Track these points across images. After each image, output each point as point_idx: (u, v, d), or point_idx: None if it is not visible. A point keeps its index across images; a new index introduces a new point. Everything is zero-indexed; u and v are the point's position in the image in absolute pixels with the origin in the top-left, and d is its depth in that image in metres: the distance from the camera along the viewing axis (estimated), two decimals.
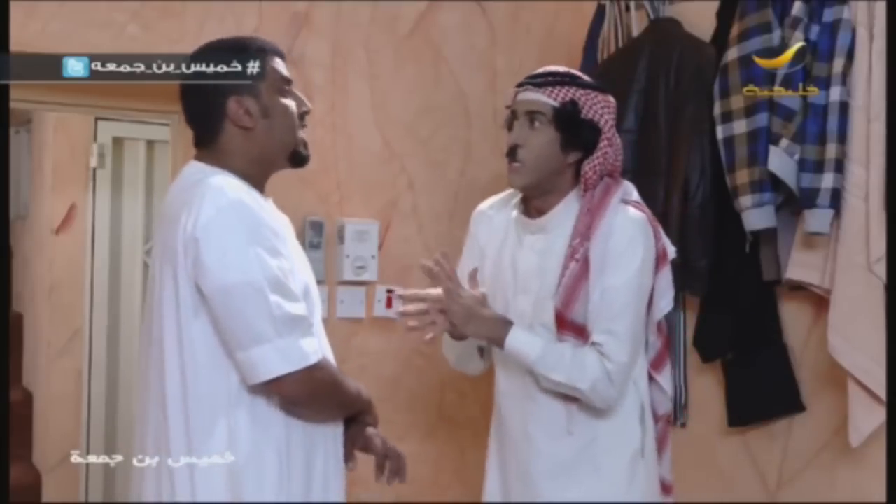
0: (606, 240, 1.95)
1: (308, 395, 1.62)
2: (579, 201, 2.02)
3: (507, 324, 1.96)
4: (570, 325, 1.96)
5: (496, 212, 2.17)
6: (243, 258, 1.57)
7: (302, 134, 1.78)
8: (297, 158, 1.79)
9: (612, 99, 2.07)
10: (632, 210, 2.00)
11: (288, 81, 1.77)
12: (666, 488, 2.12)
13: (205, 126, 1.75)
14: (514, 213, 2.12)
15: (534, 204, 2.06)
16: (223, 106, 1.71)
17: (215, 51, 1.75)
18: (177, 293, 1.61)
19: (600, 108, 2.01)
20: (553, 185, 2.03)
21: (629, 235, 1.96)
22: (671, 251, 2.06)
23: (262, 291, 1.56)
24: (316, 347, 1.62)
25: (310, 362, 1.59)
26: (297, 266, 1.70)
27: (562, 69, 2.08)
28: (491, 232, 2.15)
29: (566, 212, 2.02)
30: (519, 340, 1.94)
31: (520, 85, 2.06)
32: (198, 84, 1.74)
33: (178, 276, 1.60)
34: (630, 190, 2.06)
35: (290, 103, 1.76)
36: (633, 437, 2.00)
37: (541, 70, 2.07)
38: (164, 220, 1.70)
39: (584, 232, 1.97)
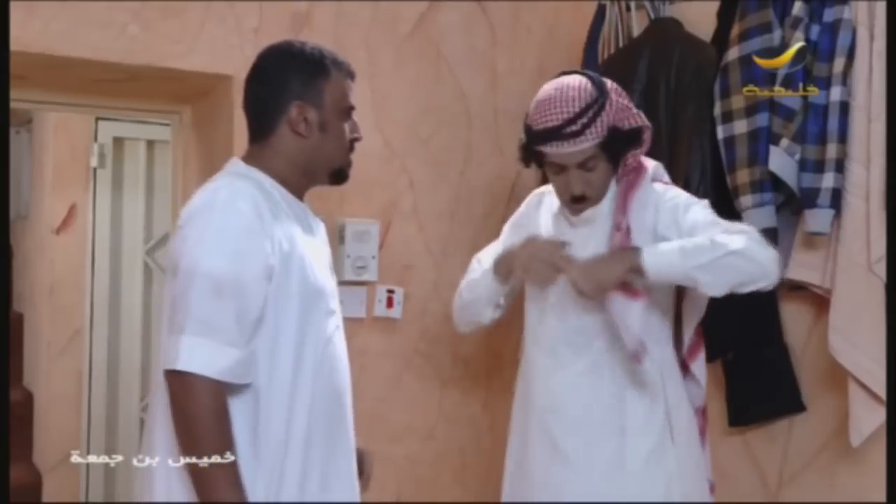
0: (645, 213, 2.02)
1: (171, 398, 1.55)
2: (618, 182, 2.10)
3: (633, 252, 1.94)
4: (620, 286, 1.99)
5: (551, 197, 2.22)
6: (201, 246, 1.57)
7: (349, 157, 1.79)
8: (338, 176, 1.79)
9: (612, 84, 2.07)
10: (668, 186, 2.10)
11: (352, 107, 1.78)
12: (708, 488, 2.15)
13: (260, 120, 1.74)
14: (556, 205, 2.19)
15: None
16: (285, 107, 1.71)
17: (295, 53, 1.74)
18: (170, 287, 1.64)
19: (624, 105, 2.05)
20: None
21: (681, 193, 2.08)
22: None
23: (201, 283, 1.54)
24: (217, 365, 1.53)
25: (175, 366, 1.52)
26: (304, 266, 1.68)
27: (572, 101, 1.99)
28: (545, 213, 2.22)
29: (608, 201, 2.10)
30: (656, 256, 1.92)
31: (545, 140, 2.00)
32: (268, 77, 1.73)
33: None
34: (661, 172, 2.14)
35: (346, 127, 1.77)
36: (657, 416, 2.03)
37: (556, 116, 1.99)
38: None
39: (621, 208, 2.04)
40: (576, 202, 2.06)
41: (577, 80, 2.03)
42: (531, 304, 2.20)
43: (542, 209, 2.23)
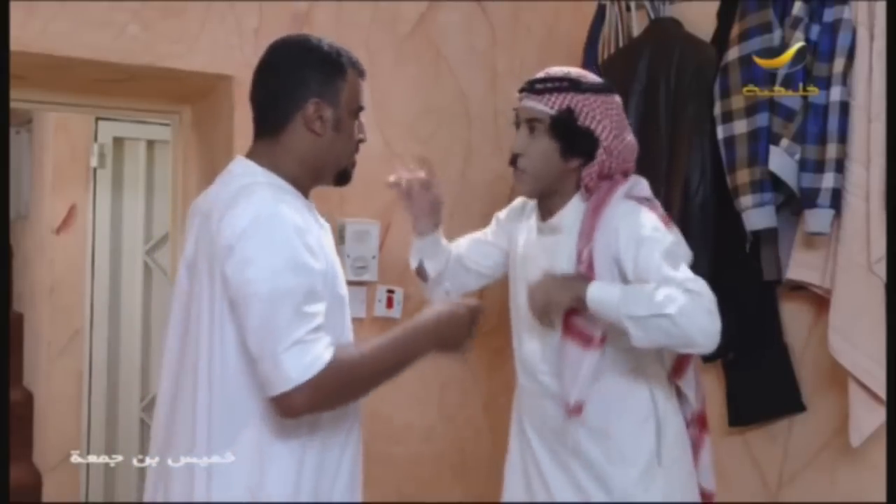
0: (609, 235, 1.93)
1: (314, 402, 1.56)
2: (585, 201, 2.01)
3: (583, 282, 1.89)
4: (574, 329, 1.95)
5: (531, 209, 2.18)
6: (271, 269, 1.53)
7: (354, 158, 1.78)
8: (342, 177, 1.77)
9: (615, 99, 2.03)
10: (639, 206, 1.96)
11: (362, 107, 1.76)
12: (704, 496, 2.07)
13: (273, 116, 1.69)
14: (533, 216, 2.14)
15: (543, 204, 2.09)
16: (301, 104, 1.66)
17: (312, 48, 1.71)
18: (211, 297, 1.58)
19: (599, 113, 1.98)
20: (558, 188, 2.04)
21: (647, 224, 1.91)
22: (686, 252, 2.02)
23: (284, 307, 1.52)
24: (322, 350, 1.54)
25: (290, 383, 1.51)
26: (336, 274, 1.69)
27: (561, 72, 2.04)
28: (522, 225, 2.19)
29: (574, 212, 2.03)
30: (600, 292, 1.86)
31: (522, 90, 2.06)
32: (283, 70, 1.69)
33: (214, 279, 1.57)
34: (641, 187, 2.03)
35: (355, 128, 1.75)
36: (646, 440, 1.97)
37: (542, 74, 2.05)
38: (203, 216, 1.65)
39: (587, 233, 1.96)
40: (512, 164, 2.05)
41: (584, 69, 2.14)
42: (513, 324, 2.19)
43: (522, 218, 2.20)
